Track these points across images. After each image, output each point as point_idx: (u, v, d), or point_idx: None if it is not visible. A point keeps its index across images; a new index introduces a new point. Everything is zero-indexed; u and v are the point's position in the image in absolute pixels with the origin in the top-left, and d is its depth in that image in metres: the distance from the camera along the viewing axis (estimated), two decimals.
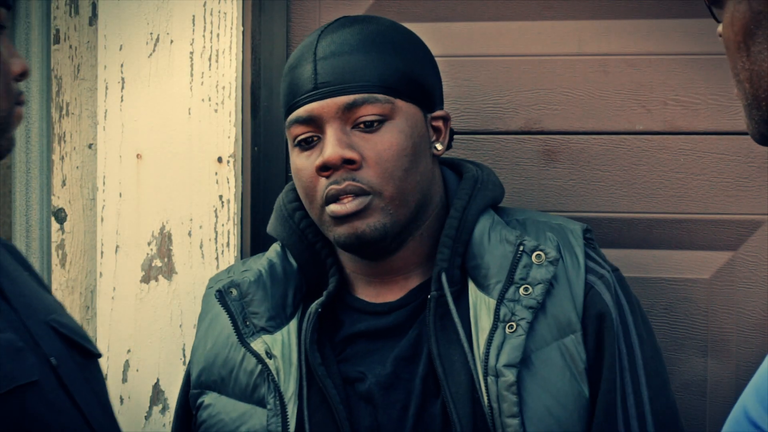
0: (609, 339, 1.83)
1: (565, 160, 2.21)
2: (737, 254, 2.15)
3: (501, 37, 2.22)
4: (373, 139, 1.83)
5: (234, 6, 2.26)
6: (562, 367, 1.81)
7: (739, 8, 1.24)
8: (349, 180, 1.82)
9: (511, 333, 1.79)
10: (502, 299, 1.81)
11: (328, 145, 1.82)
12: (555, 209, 2.17)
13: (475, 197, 1.90)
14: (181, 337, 2.27)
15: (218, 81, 2.26)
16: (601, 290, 1.86)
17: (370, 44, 1.86)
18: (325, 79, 1.84)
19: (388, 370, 1.86)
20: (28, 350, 1.60)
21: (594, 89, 2.20)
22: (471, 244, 1.87)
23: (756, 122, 1.27)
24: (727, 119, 2.16)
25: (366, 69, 1.85)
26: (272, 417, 1.83)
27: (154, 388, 2.28)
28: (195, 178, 2.27)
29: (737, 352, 2.13)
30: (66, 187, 2.37)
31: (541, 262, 1.83)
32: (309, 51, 1.87)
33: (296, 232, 1.94)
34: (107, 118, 2.30)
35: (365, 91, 1.84)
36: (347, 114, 1.83)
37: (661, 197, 2.18)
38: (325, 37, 1.87)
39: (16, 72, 1.65)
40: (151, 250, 2.29)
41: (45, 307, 1.74)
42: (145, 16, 2.28)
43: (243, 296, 1.89)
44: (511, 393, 1.77)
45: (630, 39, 2.18)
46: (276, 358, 1.85)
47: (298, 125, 1.86)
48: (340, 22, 1.90)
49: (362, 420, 1.84)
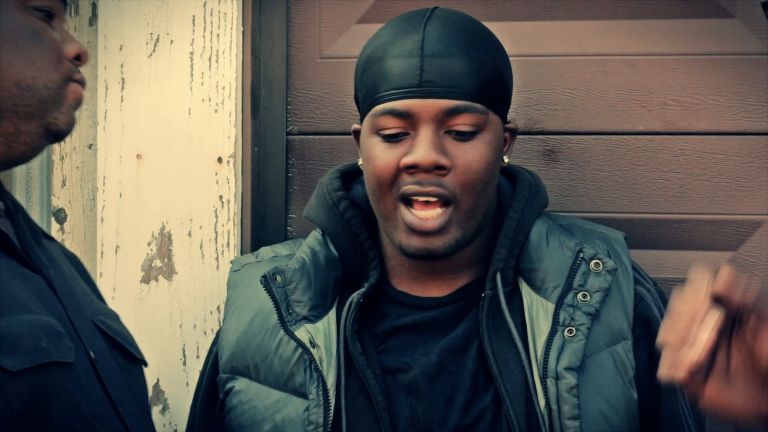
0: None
1: (565, 160, 2.21)
2: (737, 254, 2.15)
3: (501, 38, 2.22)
4: (465, 148, 1.82)
5: (234, 6, 2.26)
6: (614, 372, 1.84)
7: None
8: (435, 185, 1.81)
9: (571, 337, 1.82)
10: (561, 303, 1.84)
11: (421, 146, 1.80)
12: (555, 209, 2.17)
13: (532, 201, 1.91)
14: (181, 337, 2.27)
15: (218, 81, 2.26)
16: (650, 303, 1.90)
17: (474, 49, 1.84)
18: (430, 78, 1.81)
19: (433, 360, 1.86)
20: (67, 336, 1.63)
21: (594, 89, 2.20)
22: (527, 247, 1.88)
23: None
24: (727, 119, 2.16)
25: (470, 76, 1.82)
26: (314, 407, 1.83)
27: (154, 388, 2.28)
28: (195, 178, 2.27)
29: None
30: (66, 187, 2.37)
31: (599, 271, 1.86)
32: (414, 43, 1.83)
33: (340, 222, 1.93)
34: (107, 118, 2.30)
35: (467, 98, 1.82)
36: (445, 118, 1.81)
37: (661, 197, 2.18)
38: (432, 31, 1.83)
39: (70, 54, 1.69)
40: (151, 250, 2.29)
41: (94, 308, 1.78)
42: (145, 16, 2.28)
43: (287, 283, 1.88)
44: (572, 395, 1.79)
45: (630, 39, 2.19)
46: (319, 348, 1.85)
47: (390, 117, 1.82)
48: (443, 15, 1.87)
49: (402, 410, 1.85)
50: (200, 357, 2.24)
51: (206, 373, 1.99)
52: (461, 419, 1.83)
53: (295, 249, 1.97)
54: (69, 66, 1.69)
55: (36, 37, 1.66)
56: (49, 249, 1.77)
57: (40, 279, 1.68)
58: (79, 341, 1.66)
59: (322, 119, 2.31)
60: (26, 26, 1.66)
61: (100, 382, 1.67)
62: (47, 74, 1.66)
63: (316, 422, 1.83)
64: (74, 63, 1.71)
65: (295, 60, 2.31)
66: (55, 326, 1.61)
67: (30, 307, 1.60)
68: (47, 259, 1.73)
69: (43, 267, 1.70)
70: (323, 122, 2.31)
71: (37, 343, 1.56)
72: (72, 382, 1.60)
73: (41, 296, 1.65)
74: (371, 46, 1.88)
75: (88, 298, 1.80)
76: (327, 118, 2.30)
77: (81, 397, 1.61)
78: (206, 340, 2.23)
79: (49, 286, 1.68)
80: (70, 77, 1.69)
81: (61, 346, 1.60)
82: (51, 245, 1.80)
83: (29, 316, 1.58)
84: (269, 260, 1.97)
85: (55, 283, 1.70)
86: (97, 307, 1.80)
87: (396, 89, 1.82)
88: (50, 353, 1.57)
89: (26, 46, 1.65)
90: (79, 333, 1.67)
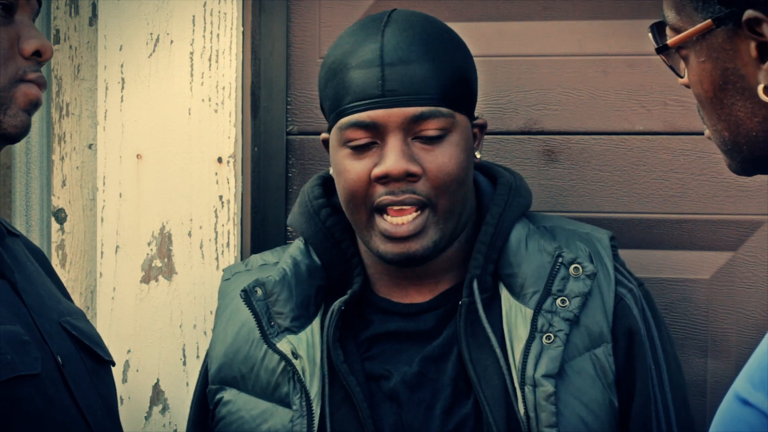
0: (639, 353, 1.86)
1: (565, 160, 2.21)
2: (737, 254, 2.15)
3: (501, 38, 2.22)
4: (434, 152, 1.82)
5: (234, 6, 2.26)
6: (594, 377, 1.83)
7: (705, 67, 1.27)
8: (408, 193, 1.81)
9: (549, 344, 1.81)
10: (540, 310, 1.82)
11: (390, 156, 1.80)
12: (555, 209, 2.17)
13: (511, 204, 1.90)
14: (181, 337, 2.27)
15: (218, 81, 2.26)
16: (630, 304, 1.88)
17: (435, 52, 1.83)
18: (393, 87, 1.81)
19: (414, 369, 1.86)
20: (33, 345, 1.60)
21: (594, 89, 2.20)
22: (506, 252, 1.87)
23: (738, 162, 1.31)
24: None
25: (432, 80, 1.82)
26: (297, 418, 1.83)
27: (154, 388, 2.28)
28: (195, 178, 2.27)
29: (737, 352, 2.13)
30: (66, 188, 2.37)
31: (579, 275, 1.85)
32: (374, 52, 1.82)
33: (322, 230, 1.93)
34: (107, 118, 2.30)
35: (432, 104, 1.81)
36: (411, 125, 1.81)
37: (661, 197, 2.18)
38: (390, 38, 1.83)
39: (27, 51, 1.63)
40: (151, 250, 2.29)
41: (60, 309, 1.75)
42: (145, 16, 2.28)
43: (268, 296, 1.88)
44: (550, 403, 1.79)
45: (630, 39, 2.18)
46: (302, 358, 1.84)
47: (356, 129, 1.82)
48: (400, 19, 1.86)
49: (386, 418, 1.84)
50: (200, 357, 2.24)
51: (199, 384, 2.00)
52: (443, 426, 1.83)
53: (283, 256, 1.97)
54: (19, 66, 1.63)
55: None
56: (13, 248, 1.73)
57: (4, 283, 1.64)
58: (46, 346, 1.63)
59: (322, 119, 2.30)
60: None
61: (67, 389, 1.64)
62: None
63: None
64: (34, 60, 1.64)
65: (295, 60, 2.31)
66: (21, 335, 1.58)
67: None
68: (11, 259, 1.69)
69: (7, 270, 1.66)
70: (323, 122, 2.31)
71: (2, 356, 1.54)
72: (38, 395, 1.57)
73: (6, 302, 1.62)
74: (331, 57, 1.87)
75: (55, 298, 1.76)
76: None
77: (46, 408, 1.58)
78: (206, 340, 2.23)
79: (13, 290, 1.65)
80: (20, 78, 1.63)
81: (26, 357, 1.57)
82: (14, 243, 1.76)
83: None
84: (258, 268, 1.96)
85: (20, 287, 1.67)
86: (64, 308, 1.77)
87: (359, 101, 1.82)
88: (15, 367, 1.55)
89: None
90: (45, 338, 1.64)
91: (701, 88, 1.29)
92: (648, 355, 1.87)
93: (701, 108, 1.31)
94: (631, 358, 1.86)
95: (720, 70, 1.26)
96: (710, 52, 1.26)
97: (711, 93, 1.28)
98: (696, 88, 1.30)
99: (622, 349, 1.85)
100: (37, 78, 1.65)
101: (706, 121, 1.31)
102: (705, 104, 1.29)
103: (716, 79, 1.26)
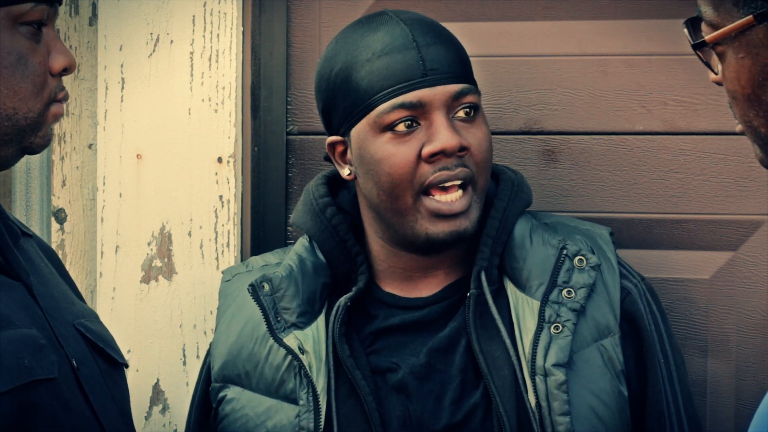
0: (648, 347, 1.89)
1: (565, 160, 2.21)
2: (737, 254, 2.15)
3: (501, 38, 2.22)
4: (473, 128, 1.86)
5: (234, 6, 2.26)
6: (602, 367, 1.85)
7: (744, 63, 1.26)
8: (461, 166, 1.83)
9: (557, 334, 1.83)
10: (546, 301, 1.85)
11: (442, 132, 1.83)
12: (555, 209, 2.17)
13: (514, 199, 1.93)
14: (181, 337, 2.27)
15: (218, 81, 2.26)
16: (636, 299, 1.91)
17: (447, 36, 1.90)
18: (433, 66, 1.85)
19: (422, 360, 1.87)
20: (49, 348, 1.61)
21: (594, 89, 2.20)
22: (511, 245, 1.90)
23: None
24: (727, 119, 2.15)
25: (458, 60, 1.88)
26: (305, 413, 1.84)
27: (154, 388, 2.28)
28: (195, 178, 2.27)
29: (737, 352, 2.13)
30: (66, 187, 2.37)
31: (583, 267, 1.87)
32: (404, 38, 1.85)
33: (327, 228, 1.94)
34: (107, 118, 2.30)
35: (465, 81, 1.88)
36: (453, 103, 1.85)
37: (661, 197, 2.18)
38: (413, 25, 1.87)
39: (56, 69, 1.65)
40: (151, 250, 2.29)
41: (74, 311, 1.75)
42: (145, 16, 2.28)
43: (275, 291, 1.89)
44: (562, 392, 1.81)
45: (630, 39, 2.18)
46: (308, 354, 1.86)
47: (401, 110, 1.84)
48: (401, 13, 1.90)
49: (393, 410, 1.86)
50: (200, 357, 2.24)
51: (200, 383, 2.01)
52: (452, 417, 1.84)
53: (284, 257, 1.98)
54: (53, 87, 1.65)
55: (21, 63, 1.62)
56: (27, 249, 1.74)
57: (20, 286, 1.65)
58: (61, 349, 1.64)
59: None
60: (12, 51, 1.61)
61: (82, 392, 1.64)
62: (28, 104, 1.63)
63: (307, 428, 1.84)
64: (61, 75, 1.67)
65: (295, 60, 2.31)
66: (38, 339, 1.59)
67: (11, 320, 1.58)
68: (26, 261, 1.70)
69: (22, 272, 1.67)
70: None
71: (20, 361, 1.55)
72: (54, 398, 1.58)
73: (22, 305, 1.63)
74: (340, 59, 1.88)
75: (68, 299, 1.77)
76: None
77: (62, 412, 1.59)
78: (206, 340, 2.23)
79: (29, 292, 1.66)
80: (52, 100, 1.66)
81: (43, 361, 1.58)
82: (28, 243, 1.76)
83: (11, 332, 1.56)
84: (259, 269, 1.98)
85: (35, 289, 1.67)
86: (78, 309, 1.77)
87: (401, 83, 1.84)
88: (33, 371, 1.55)
89: (10, 75, 1.60)
90: (60, 341, 1.65)
91: (738, 85, 1.28)
92: (657, 349, 1.90)
93: (734, 104, 1.30)
94: (639, 351, 1.89)
95: (760, 67, 1.25)
96: (750, 48, 1.25)
97: (749, 89, 1.27)
98: (732, 84, 1.29)
99: (630, 343, 1.88)
100: (64, 96, 1.68)
101: (738, 117, 1.30)
102: (740, 100, 1.28)
103: (755, 75, 1.26)
